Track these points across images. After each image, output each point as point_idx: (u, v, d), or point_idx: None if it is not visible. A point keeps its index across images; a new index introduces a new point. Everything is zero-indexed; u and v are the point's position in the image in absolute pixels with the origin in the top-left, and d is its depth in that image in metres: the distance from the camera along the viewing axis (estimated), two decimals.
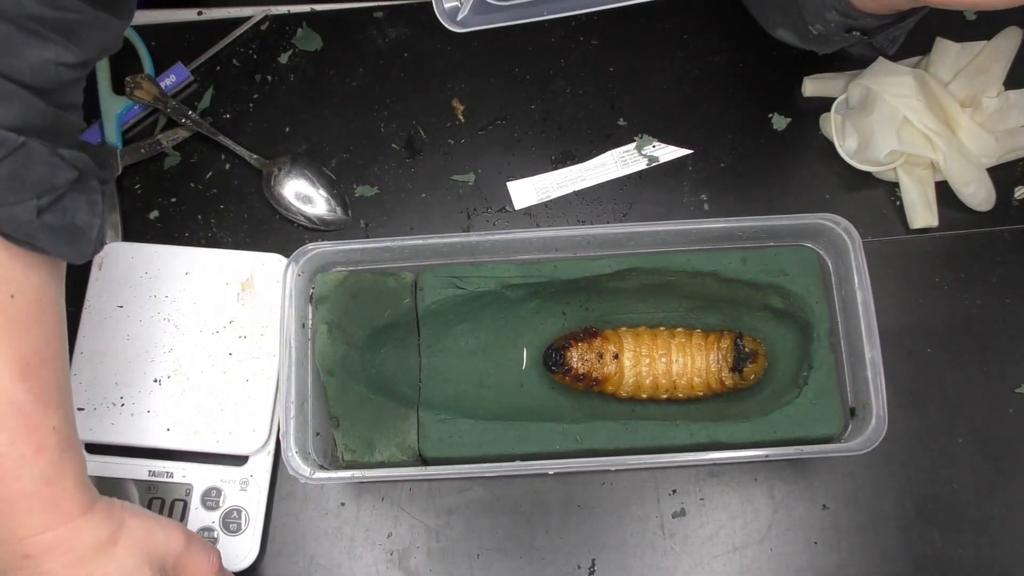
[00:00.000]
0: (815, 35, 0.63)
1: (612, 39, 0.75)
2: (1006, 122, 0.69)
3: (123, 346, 0.63)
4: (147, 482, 0.62)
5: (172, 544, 0.50)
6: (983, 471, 0.63)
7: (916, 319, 0.67)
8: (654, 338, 0.60)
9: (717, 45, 0.75)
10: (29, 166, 0.41)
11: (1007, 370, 0.65)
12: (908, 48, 0.71)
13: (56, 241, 0.44)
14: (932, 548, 0.62)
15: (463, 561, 0.62)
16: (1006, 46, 0.70)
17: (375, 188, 0.71)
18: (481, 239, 0.60)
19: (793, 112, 0.72)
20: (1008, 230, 0.69)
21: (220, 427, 0.62)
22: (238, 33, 0.75)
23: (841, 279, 0.61)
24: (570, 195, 0.71)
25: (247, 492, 0.62)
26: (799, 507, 0.63)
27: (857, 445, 0.55)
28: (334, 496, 0.63)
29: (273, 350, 0.63)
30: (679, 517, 0.63)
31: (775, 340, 0.62)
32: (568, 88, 0.74)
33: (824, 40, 0.64)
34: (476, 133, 0.72)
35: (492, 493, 0.63)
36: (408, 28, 0.75)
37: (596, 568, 0.62)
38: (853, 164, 0.70)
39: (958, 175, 0.67)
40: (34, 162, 0.41)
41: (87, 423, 0.62)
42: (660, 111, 0.73)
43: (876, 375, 0.56)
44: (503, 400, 0.61)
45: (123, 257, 0.66)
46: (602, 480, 0.63)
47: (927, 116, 0.67)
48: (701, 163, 0.71)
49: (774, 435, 0.58)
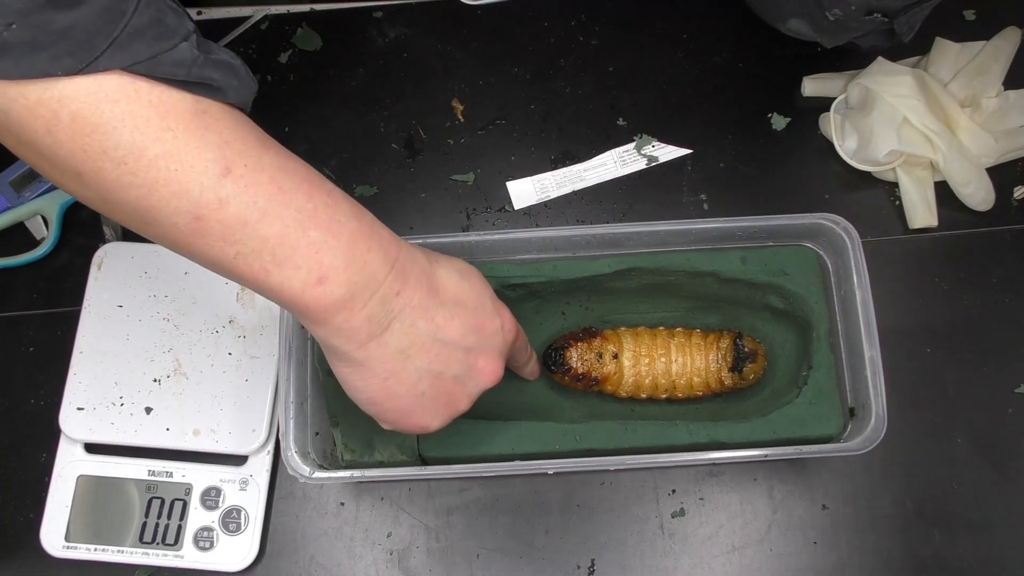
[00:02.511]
0: (831, 21, 0.62)
1: (612, 39, 0.75)
2: (1006, 122, 0.69)
3: (123, 346, 0.63)
4: (147, 482, 0.62)
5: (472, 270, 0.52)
6: (983, 471, 0.63)
7: (916, 319, 0.67)
8: (653, 338, 0.60)
9: (717, 45, 0.75)
10: (164, 11, 0.39)
11: (1007, 370, 0.65)
12: (908, 48, 0.71)
13: (225, 75, 0.41)
14: (932, 548, 0.62)
15: (463, 561, 0.62)
16: (1006, 46, 0.70)
17: (375, 188, 0.71)
18: (481, 239, 0.60)
19: (793, 112, 0.72)
20: (1008, 230, 0.69)
21: (220, 427, 0.62)
22: (237, 33, 0.75)
23: (841, 279, 0.61)
24: (570, 195, 0.71)
25: (247, 492, 0.62)
26: (799, 507, 0.63)
27: (857, 445, 0.55)
28: (334, 496, 0.63)
29: (272, 350, 0.63)
30: (679, 517, 0.63)
31: (775, 340, 0.62)
32: (568, 88, 0.74)
33: (840, 27, 0.63)
34: (476, 133, 0.72)
35: (492, 493, 0.63)
36: (408, 28, 0.75)
37: (596, 568, 0.62)
38: (853, 164, 0.70)
39: (958, 175, 0.67)
40: (164, 8, 0.40)
41: (87, 423, 0.62)
42: (660, 111, 0.73)
43: (876, 375, 0.56)
44: (503, 400, 0.61)
45: (123, 257, 0.66)
46: (601, 480, 0.63)
47: (927, 116, 0.67)
48: (701, 163, 0.71)
49: (774, 435, 0.58)
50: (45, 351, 0.67)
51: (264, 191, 0.40)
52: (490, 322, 0.49)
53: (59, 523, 0.61)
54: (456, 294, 0.48)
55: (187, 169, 0.38)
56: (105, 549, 0.61)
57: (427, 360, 0.47)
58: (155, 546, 0.61)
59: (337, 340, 0.45)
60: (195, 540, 0.61)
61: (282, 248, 0.41)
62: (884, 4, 0.59)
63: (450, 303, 0.47)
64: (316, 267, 0.42)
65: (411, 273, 0.46)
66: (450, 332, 0.47)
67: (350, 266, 0.43)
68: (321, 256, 0.42)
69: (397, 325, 0.45)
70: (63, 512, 0.62)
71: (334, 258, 0.42)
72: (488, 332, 0.49)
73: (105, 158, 0.38)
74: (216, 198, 0.39)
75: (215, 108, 0.40)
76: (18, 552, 0.63)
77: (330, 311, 0.43)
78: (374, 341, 0.45)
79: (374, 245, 0.44)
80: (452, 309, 0.47)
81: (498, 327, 0.50)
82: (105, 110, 0.37)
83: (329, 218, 0.42)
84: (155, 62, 0.38)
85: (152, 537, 0.61)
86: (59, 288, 0.69)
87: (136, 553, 0.61)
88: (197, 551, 0.61)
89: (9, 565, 0.63)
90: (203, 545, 0.61)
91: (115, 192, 0.39)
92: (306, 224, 0.41)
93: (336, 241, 0.42)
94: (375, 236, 0.44)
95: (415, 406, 0.49)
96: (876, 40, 0.66)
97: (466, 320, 0.48)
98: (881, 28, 0.63)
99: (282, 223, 0.41)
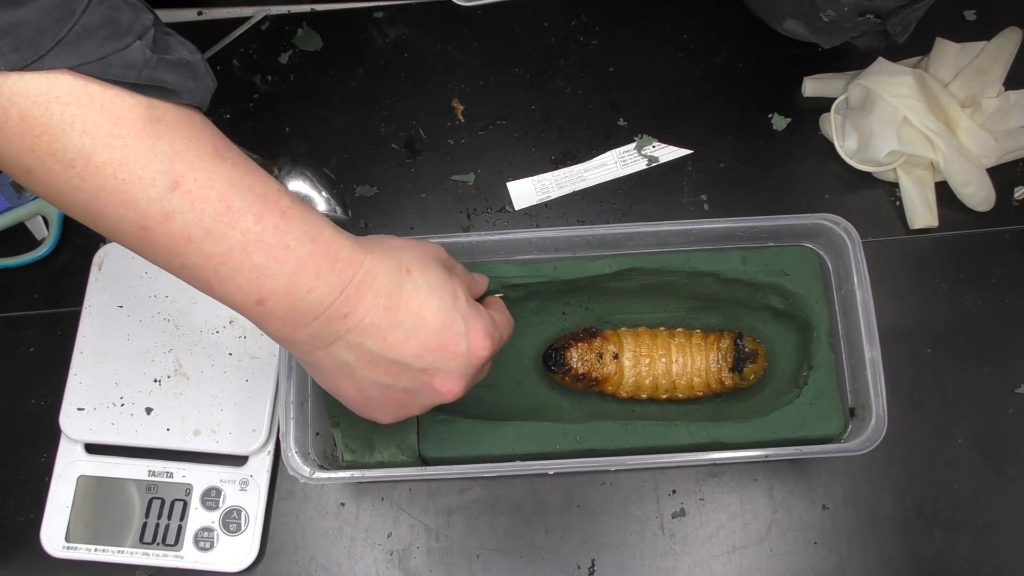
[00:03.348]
0: (826, 22, 0.62)
1: (612, 39, 0.75)
2: (1006, 122, 0.69)
3: (123, 346, 0.63)
4: (147, 482, 0.62)
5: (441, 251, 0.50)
6: (983, 471, 0.63)
7: (916, 319, 0.67)
8: (654, 338, 0.60)
9: (717, 45, 0.75)
10: (118, 8, 0.38)
11: (1007, 370, 0.65)
12: (908, 48, 0.71)
13: (179, 76, 0.40)
14: (932, 548, 0.62)
15: (463, 561, 0.62)
16: (1006, 46, 0.70)
17: (375, 188, 0.71)
18: (481, 239, 0.60)
19: (793, 112, 0.72)
20: (1008, 230, 0.69)
21: (220, 427, 0.62)
22: (238, 33, 0.75)
23: (841, 279, 0.61)
24: (570, 195, 0.71)
25: (247, 492, 0.62)
26: (799, 507, 0.63)
27: (857, 445, 0.55)
28: (334, 496, 0.63)
29: (273, 350, 0.63)
30: (679, 517, 0.63)
31: (775, 340, 0.62)
32: (568, 88, 0.74)
33: (835, 27, 0.63)
34: (476, 133, 0.72)
35: (492, 493, 0.63)
36: (408, 28, 0.75)
37: (596, 568, 0.62)
38: (853, 164, 0.70)
39: (958, 175, 0.67)
40: (118, 5, 0.39)
41: (87, 423, 0.62)
42: (660, 111, 0.73)
43: (876, 375, 0.56)
44: (503, 400, 0.61)
45: (123, 257, 0.66)
46: (602, 480, 0.63)
47: (927, 116, 0.67)
48: (701, 163, 0.71)
49: (774, 435, 0.58)
50: (45, 351, 0.67)
51: (211, 209, 0.40)
52: (454, 344, 0.46)
53: (59, 523, 0.61)
54: (419, 313, 0.45)
55: (135, 180, 0.38)
56: (105, 549, 0.61)
57: (374, 374, 0.46)
58: (155, 546, 0.61)
59: (283, 344, 0.45)
60: (195, 540, 0.61)
61: (224, 268, 0.41)
62: (876, 5, 0.59)
63: (409, 323, 0.45)
64: (256, 291, 0.42)
65: (367, 294, 0.44)
66: (403, 352, 0.45)
67: (292, 292, 0.42)
68: (262, 282, 0.41)
69: (342, 343, 0.44)
70: (63, 512, 0.62)
71: (276, 284, 0.41)
72: (450, 354, 0.46)
73: (54, 159, 0.37)
74: (162, 212, 0.39)
75: (170, 114, 0.40)
76: (18, 552, 0.63)
77: (273, 325, 0.43)
78: (320, 351, 0.45)
79: (325, 270, 0.42)
80: (410, 330, 0.45)
81: (463, 350, 0.47)
82: (55, 112, 0.37)
83: (277, 243, 0.41)
84: (105, 63, 0.37)
85: (152, 537, 0.61)
86: (59, 288, 0.69)
87: (136, 553, 0.61)
88: (197, 551, 0.61)
89: (9, 565, 0.63)
90: (203, 545, 0.61)
91: (64, 193, 0.39)
92: (251, 248, 0.41)
93: (280, 267, 0.41)
94: (329, 259, 0.43)
95: (363, 405, 0.48)
96: (872, 40, 0.66)
97: (424, 341, 0.45)
98: (875, 29, 0.64)
99: (226, 245, 0.40)
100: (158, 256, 0.41)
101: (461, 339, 0.46)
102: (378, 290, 0.44)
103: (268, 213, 0.41)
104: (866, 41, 0.66)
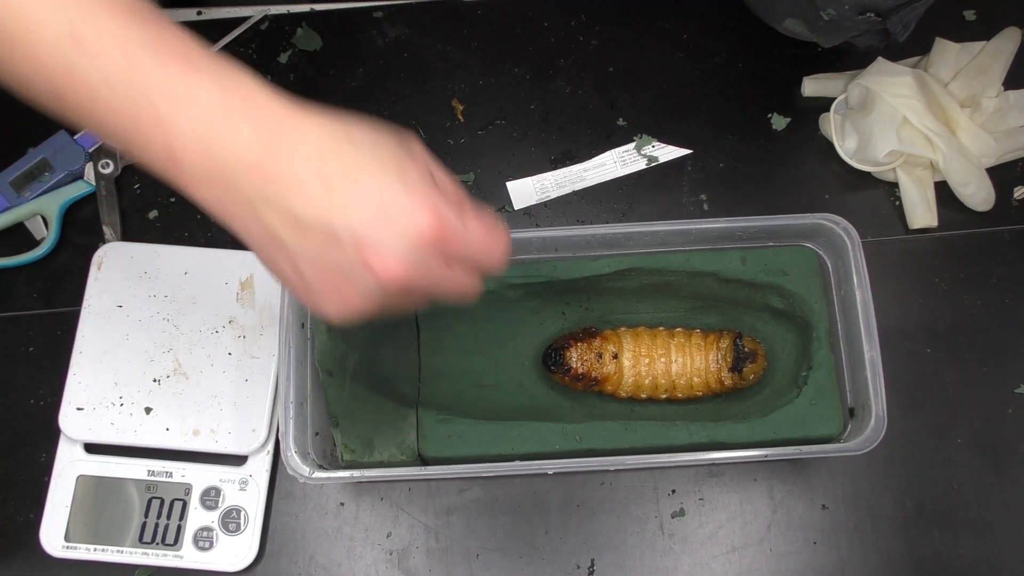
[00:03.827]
0: (825, 21, 0.62)
1: (612, 39, 0.75)
2: (1006, 122, 0.69)
3: (122, 346, 0.63)
4: (146, 482, 0.62)
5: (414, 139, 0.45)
6: (983, 471, 0.63)
7: (916, 319, 0.66)
8: (653, 338, 0.60)
9: (717, 45, 0.75)
10: None
11: (1007, 370, 0.65)
12: (908, 48, 0.71)
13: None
14: (932, 548, 0.62)
15: (463, 561, 0.62)
16: (1006, 46, 0.70)
17: None
18: None
19: (793, 112, 0.72)
20: (1008, 230, 0.69)
21: (219, 427, 0.62)
22: (237, 33, 0.75)
23: (841, 279, 0.61)
24: (570, 195, 0.71)
25: (246, 492, 0.62)
26: (798, 507, 0.63)
27: (857, 445, 0.55)
28: (333, 496, 0.63)
29: (272, 350, 0.63)
30: (678, 517, 0.63)
31: (775, 340, 0.62)
32: (568, 88, 0.74)
33: (835, 26, 0.63)
34: (476, 133, 0.72)
35: (491, 493, 0.63)
36: (408, 28, 0.75)
37: (595, 568, 0.62)
38: (853, 164, 0.70)
39: (958, 175, 0.67)
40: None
41: (86, 423, 0.62)
42: (660, 111, 0.73)
43: (876, 375, 0.56)
44: (502, 400, 0.61)
45: (122, 257, 0.66)
46: (601, 480, 0.63)
47: (927, 116, 0.67)
48: (701, 163, 0.71)
49: (773, 435, 0.58)
50: (45, 351, 0.67)
51: (115, 65, 0.38)
52: (392, 215, 0.41)
53: (59, 523, 0.61)
54: (356, 178, 0.40)
55: (39, 39, 0.38)
56: (105, 549, 0.61)
57: (304, 245, 0.41)
58: (155, 546, 0.61)
59: (217, 215, 0.42)
60: (195, 540, 0.61)
61: (134, 125, 0.39)
62: (877, 4, 0.59)
63: (344, 188, 0.40)
64: (168, 147, 0.39)
65: (296, 153, 0.40)
66: (333, 218, 0.40)
67: (206, 148, 0.39)
68: (172, 138, 0.39)
69: (270, 208, 0.40)
70: (63, 512, 0.62)
71: (186, 139, 0.39)
72: (387, 226, 0.41)
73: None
74: (66, 69, 0.38)
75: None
76: (18, 552, 0.63)
77: (194, 188, 0.40)
78: (251, 219, 0.41)
79: (244, 124, 0.39)
80: (343, 195, 0.40)
81: (401, 223, 0.41)
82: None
83: (185, 93, 0.39)
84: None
85: (152, 537, 0.61)
86: (59, 288, 0.69)
87: (136, 553, 0.61)
88: (197, 551, 0.61)
89: (9, 565, 0.63)
90: (203, 545, 0.61)
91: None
92: (156, 100, 0.38)
93: (190, 121, 0.39)
94: (248, 112, 0.39)
95: (304, 290, 0.43)
96: (872, 40, 0.66)
97: (358, 206, 0.40)
98: (875, 28, 0.64)
99: (131, 100, 0.39)
100: (79, 118, 0.40)
101: (402, 211, 0.41)
102: (310, 151, 0.40)
103: (176, 64, 0.39)
104: (866, 40, 0.66)
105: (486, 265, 0.46)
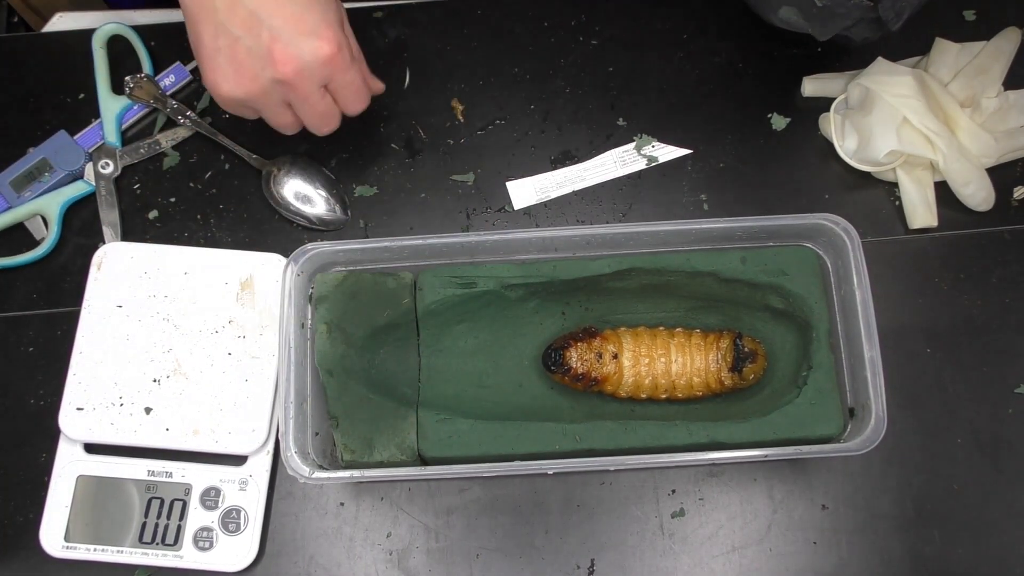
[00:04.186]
0: (819, 8, 0.62)
1: (612, 39, 0.75)
2: (1006, 122, 0.69)
3: (122, 346, 0.63)
4: (146, 482, 0.62)
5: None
6: (983, 471, 0.63)
7: (916, 319, 0.66)
8: (653, 338, 0.60)
9: (717, 45, 0.75)
10: None
11: (1007, 370, 0.65)
12: (908, 48, 0.71)
13: None
14: (932, 548, 0.62)
15: (463, 561, 0.62)
16: (1006, 46, 0.70)
17: (375, 188, 0.71)
18: (480, 239, 0.60)
19: (792, 112, 0.72)
20: (1008, 230, 0.69)
21: (219, 427, 0.62)
22: None
23: (840, 279, 0.61)
24: (569, 195, 0.71)
25: (246, 492, 0.62)
26: (798, 507, 0.63)
27: (856, 445, 0.55)
28: (333, 496, 0.63)
29: (272, 350, 0.63)
30: (678, 517, 0.63)
31: (775, 340, 0.62)
32: (568, 88, 0.74)
33: (828, 14, 0.63)
34: (476, 133, 0.72)
35: (491, 493, 0.63)
36: (408, 28, 0.75)
37: (595, 568, 0.62)
38: (852, 164, 0.70)
39: (958, 175, 0.67)
40: None
41: (86, 423, 0.62)
42: (660, 111, 0.73)
43: (875, 375, 0.56)
44: (502, 400, 0.61)
45: (122, 257, 0.66)
46: (601, 480, 0.63)
47: (927, 116, 0.67)
48: (701, 163, 0.71)
49: (773, 435, 0.58)
50: (45, 351, 0.67)
51: None
52: (307, 22, 0.53)
53: (59, 523, 0.61)
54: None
55: None
56: (104, 549, 0.61)
57: (231, 20, 0.52)
58: (154, 546, 0.61)
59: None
60: (195, 540, 0.61)
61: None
62: None
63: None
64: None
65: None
66: (263, 10, 0.52)
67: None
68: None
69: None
70: (63, 512, 0.62)
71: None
72: (299, 30, 0.53)
73: None
74: None
75: None
76: (18, 552, 0.63)
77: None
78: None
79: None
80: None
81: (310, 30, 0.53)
82: None
83: None
84: None
85: (152, 537, 0.61)
86: (59, 288, 0.69)
87: (135, 553, 0.61)
88: (197, 551, 0.61)
89: (9, 565, 0.63)
90: (203, 545, 0.61)
91: None
92: None
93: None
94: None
95: (211, 58, 0.54)
96: (867, 31, 0.66)
97: (289, 13, 0.52)
98: (868, 16, 0.63)
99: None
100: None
101: (315, 30, 0.54)
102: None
103: None
104: (861, 32, 0.66)
105: (350, 107, 0.61)
